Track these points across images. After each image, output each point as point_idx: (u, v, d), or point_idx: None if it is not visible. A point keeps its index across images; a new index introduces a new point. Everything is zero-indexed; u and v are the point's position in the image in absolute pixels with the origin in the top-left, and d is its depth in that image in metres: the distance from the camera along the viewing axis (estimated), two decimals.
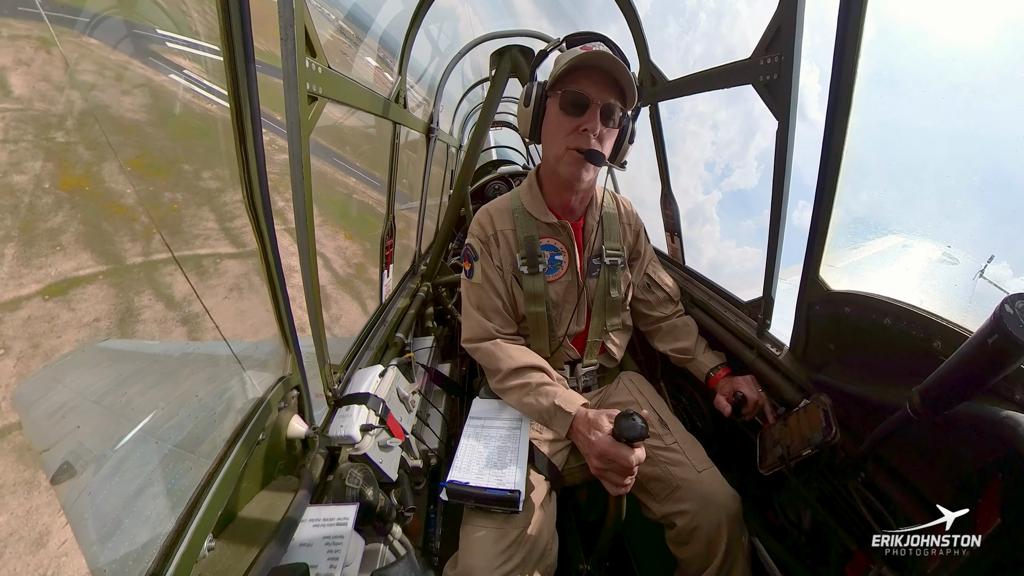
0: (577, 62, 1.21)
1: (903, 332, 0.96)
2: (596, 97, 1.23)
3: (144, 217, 0.99)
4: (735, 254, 21.47)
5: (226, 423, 0.98)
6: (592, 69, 1.23)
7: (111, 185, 0.90)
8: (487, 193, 3.96)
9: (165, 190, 0.92)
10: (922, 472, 1.00)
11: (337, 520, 1.02)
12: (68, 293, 0.87)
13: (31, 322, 0.81)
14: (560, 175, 1.34)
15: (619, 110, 1.27)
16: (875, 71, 0.96)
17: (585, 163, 1.27)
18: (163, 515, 0.79)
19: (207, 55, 0.93)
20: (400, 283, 2.75)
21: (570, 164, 1.29)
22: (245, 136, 0.87)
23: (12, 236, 0.76)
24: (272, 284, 1.04)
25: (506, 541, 1.13)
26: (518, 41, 2.58)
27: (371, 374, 1.47)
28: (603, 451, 1.03)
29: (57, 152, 0.79)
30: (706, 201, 26.73)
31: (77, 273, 0.82)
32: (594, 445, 1.06)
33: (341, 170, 4.03)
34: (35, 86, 0.72)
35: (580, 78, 1.24)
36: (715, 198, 36.14)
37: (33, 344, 0.79)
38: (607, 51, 1.20)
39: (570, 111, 1.26)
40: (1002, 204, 0.98)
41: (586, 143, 1.25)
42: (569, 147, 1.27)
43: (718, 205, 56.71)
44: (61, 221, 0.84)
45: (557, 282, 1.46)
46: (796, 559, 1.37)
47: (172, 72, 1.14)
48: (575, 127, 1.25)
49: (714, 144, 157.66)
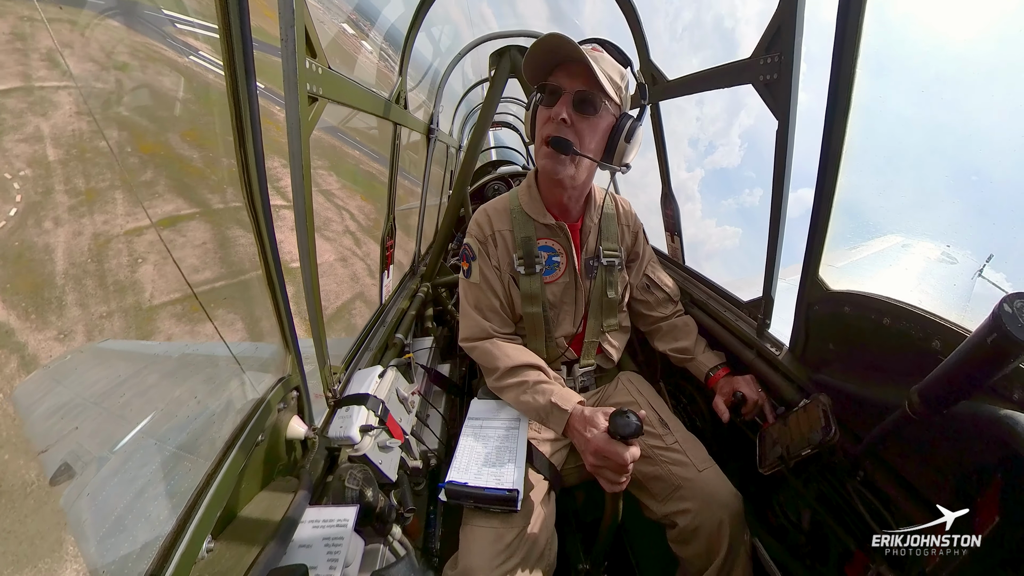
0: (532, 48, 1.20)
1: (902, 332, 0.96)
2: (568, 86, 1.22)
3: (213, 176, 1.12)
4: (715, 232, 21.09)
5: (225, 424, 0.98)
6: (569, 63, 1.23)
7: (179, 151, 1.04)
8: (487, 193, 3.96)
9: (223, 156, 1.02)
10: (921, 471, 1.00)
11: (337, 521, 1.02)
12: (177, 225, 1.10)
13: (156, 243, 1.00)
14: (541, 171, 1.34)
15: (598, 98, 1.22)
16: (862, 55, 0.96)
17: (557, 155, 1.24)
18: (162, 516, 0.79)
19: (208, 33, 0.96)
20: (400, 284, 2.75)
21: (544, 156, 1.27)
22: (245, 136, 0.87)
23: (117, 186, 0.94)
24: (272, 284, 1.04)
25: (505, 540, 1.13)
26: (518, 42, 2.58)
27: (371, 375, 1.47)
28: (598, 448, 1.04)
29: (125, 123, 0.92)
30: (689, 179, 26.33)
31: (179, 212, 0.99)
32: (590, 442, 1.07)
33: (348, 144, 4.51)
34: (86, 66, 0.81)
35: (558, 72, 1.25)
36: (698, 176, 35.45)
37: (163, 257, 0.99)
38: (557, 33, 1.15)
39: (546, 103, 1.26)
40: (977, 197, 0.98)
41: (553, 131, 1.23)
42: (543, 138, 1.26)
43: (700, 183, 54.60)
44: (151, 176, 1.04)
45: (555, 283, 1.46)
46: (796, 559, 1.37)
47: (191, 54, 1.22)
48: (547, 117, 1.25)
49: (699, 120, 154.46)
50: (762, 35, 1.23)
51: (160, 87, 1.08)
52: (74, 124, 0.84)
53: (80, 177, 0.89)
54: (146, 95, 1.02)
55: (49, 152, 0.84)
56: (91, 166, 0.89)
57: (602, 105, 1.24)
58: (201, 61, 1.19)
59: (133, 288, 1.05)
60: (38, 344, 0.80)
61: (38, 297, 0.80)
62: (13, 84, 0.73)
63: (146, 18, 0.89)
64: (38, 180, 0.84)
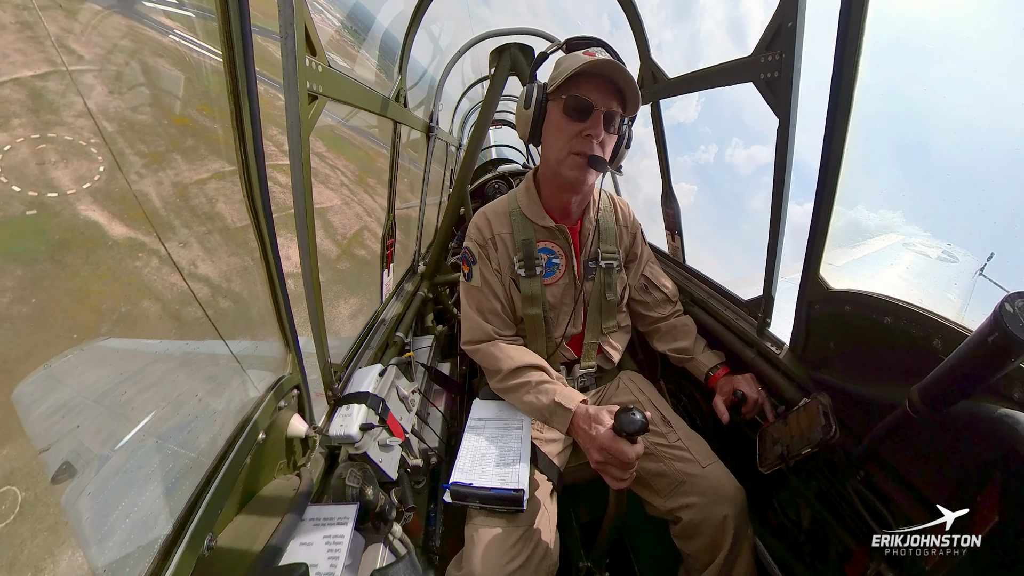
0: (584, 68, 1.21)
1: (903, 331, 0.96)
2: (600, 103, 1.23)
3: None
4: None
5: (226, 422, 0.98)
6: (596, 75, 1.23)
7: (202, 122, 1.08)
8: (487, 192, 3.95)
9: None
10: (921, 470, 1.00)
11: (337, 519, 1.02)
12: (226, 178, 1.23)
13: (222, 188, 1.08)
14: (563, 178, 1.34)
15: (619, 117, 1.29)
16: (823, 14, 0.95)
17: (588, 168, 1.28)
18: (163, 514, 0.79)
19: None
20: (400, 282, 2.75)
21: (573, 168, 1.29)
22: (245, 136, 0.86)
23: (171, 149, 0.99)
24: (272, 284, 1.04)
25: (511, 540, 1.13)
26: (518, 39, 2.57)
27: (371, 373, 1.47)
28: (604, 445, 1.04)
29: (156, 98, 0.98)
30: (646, 134, 25.93)
31: (223, 169, 1.03)
32: (595, 440, 1.08)
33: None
34: (97, 51, 0.85)
35: (584, 83, 1.24)
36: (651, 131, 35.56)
37: (227, 198, 1.15)
38: (612, 60, 1.21)
39: (573, 115, 1.26)
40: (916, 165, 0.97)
41: (590, 148, 1.26)
42: (572, 151, 1.28)
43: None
44: (192, 143, 1.09)
45: (554, 285, 1.47)
46: (796, 557, 1.37)
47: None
48: (578, 131, 1.26)
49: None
50: (763, 33, 1.22)
51: (170, 69, 1.12)
52: (113, 102, 0.88)
53: (140, 143, 0.94)
54: (163, 75, 1.06)
55: (105, 124, 0.91)
56: (143, 134, 0.94)
57: (622, 123, 1.33)
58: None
59: (218, 217, 1.09)
60: (170, 248, 0.87)
61: (154, 221, 0.88)
62: (43, 69, 0.76)
63: (144, 10, 0.90)
64: (108, 146, 0.89)
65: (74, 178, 2.43)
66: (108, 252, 2.44)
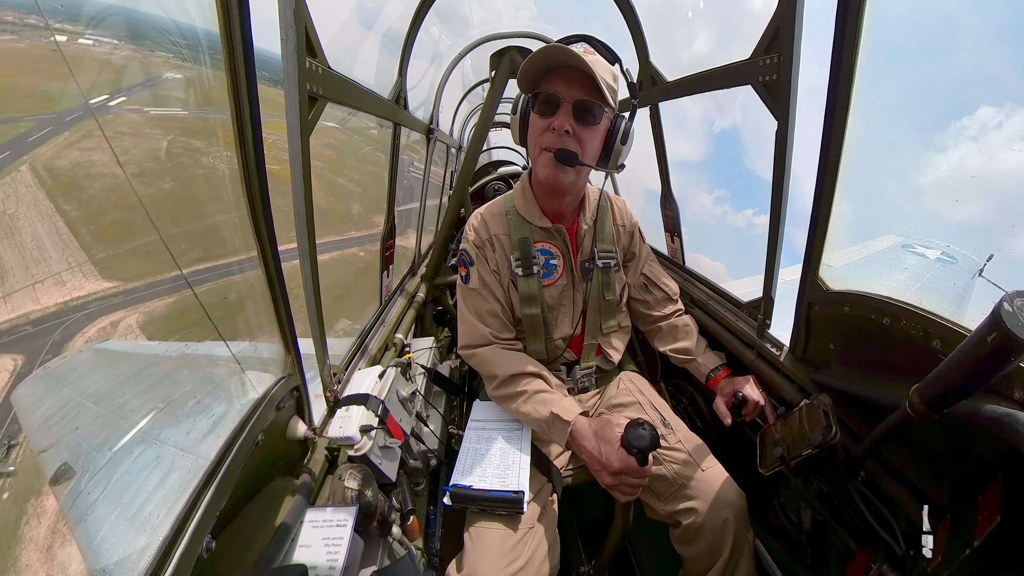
0: (538, 62, 1.18)
1: (902, 331, 0.96)
2: (567, 95, 1.20)
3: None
4: (642, 165, 19.68)
5: (225, 424, 0.98)
6: (565, 68, 1.21)
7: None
8: (487, 194, 3.96)
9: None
10: (922, 471, 1.00)
11: (336, 521, 1.02)
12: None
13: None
14: (539, 178, 1.32)
15: (598, 107, 1.22)
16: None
17: (559, 165, 1.24)
18: (162, 515, 0.79)
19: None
20: (400, 284, 2.75)
21: (544, 165, 1.27)
22: (245, 138, 0.87)
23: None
24: (272, 284, 1.04)
25: (511, 542, 1.13)
26: (518, 42, 2.58)
27: (371, 375, 1.47)
28: (616, 470, 1.05)
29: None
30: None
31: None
32: (605, 466, 1.07)
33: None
34: None
35: (553, 79, 1.22)
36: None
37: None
38: (566, 48, 1.15)
39: (542, 111, 1.24)
40: None
41: (556, 142, 1.22)
42: (542, 148, 1.26)
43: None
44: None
45: (552, 285, 1.46)
46: (797, 559, 1.37)
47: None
48: (546, 127, 1.24)
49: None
50: (761, 35, 1.23)
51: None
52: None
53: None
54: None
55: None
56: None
57: (601, 113, 1.24)
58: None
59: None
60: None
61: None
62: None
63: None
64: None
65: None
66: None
